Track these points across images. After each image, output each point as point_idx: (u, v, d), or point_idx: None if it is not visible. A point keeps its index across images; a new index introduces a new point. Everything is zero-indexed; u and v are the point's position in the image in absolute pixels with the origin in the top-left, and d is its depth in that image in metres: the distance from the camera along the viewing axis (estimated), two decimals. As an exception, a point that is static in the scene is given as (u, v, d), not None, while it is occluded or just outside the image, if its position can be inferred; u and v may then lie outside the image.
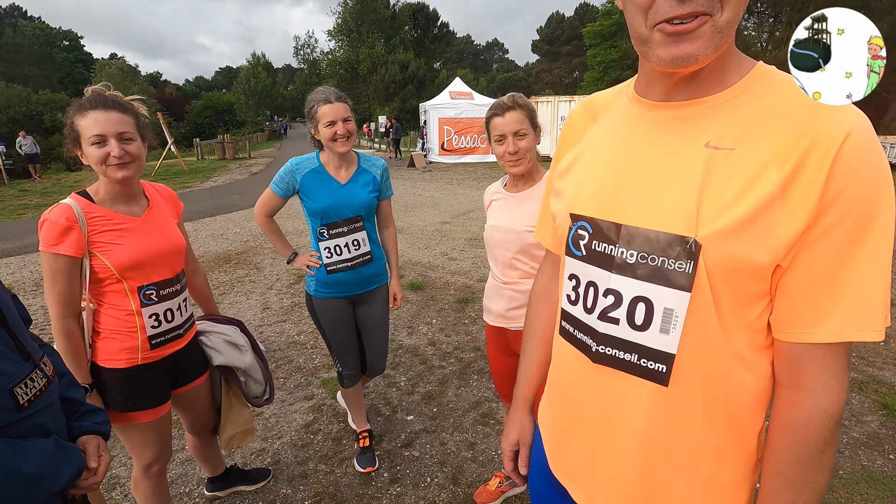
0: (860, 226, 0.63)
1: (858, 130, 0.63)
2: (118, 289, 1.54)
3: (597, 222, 0.81)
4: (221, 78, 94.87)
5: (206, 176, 16.03)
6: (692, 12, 0.64)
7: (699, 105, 0.74)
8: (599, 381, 0.83)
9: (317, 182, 2.10)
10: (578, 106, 0.98)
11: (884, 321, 0.65)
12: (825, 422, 0.69)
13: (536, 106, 18.57)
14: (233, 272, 5.69)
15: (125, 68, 48.83)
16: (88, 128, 1.44)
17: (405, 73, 41.67)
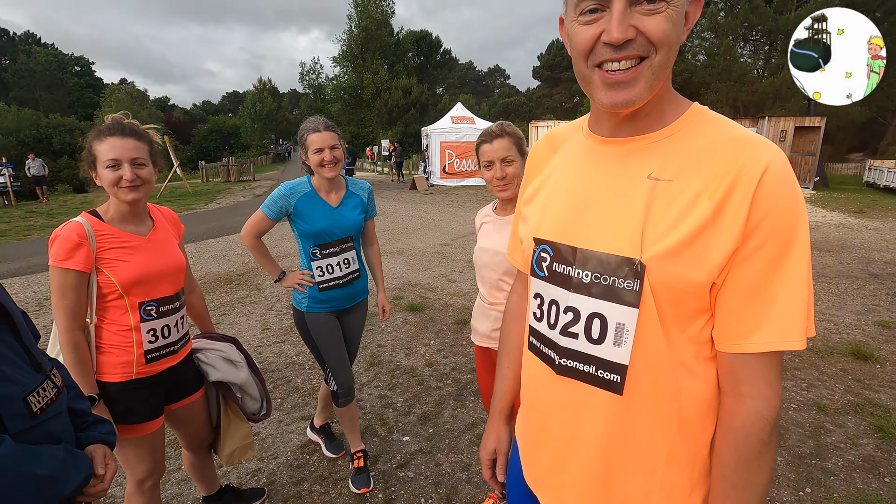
0: (781, 247, 0.72)
1: (775, 164, 0.72)
2: (120, 304, 1.61)
3: (556, 246, 0.89)
4: (228, 102, 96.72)
5: (210, 198, 16.23)
6: (627, 56, 0.73)
7: (642, 141, 0.83)
8: (563, 391, 0.90)
9: (310, 206, 2.21)
10: (542, 138, 1.07)
11: (805, 332, 0.73)
12: (763, 425, 0.76)
13: (536, 130, 18.96)
14: (234, 293, 5.75)
15: (134, 93, 49.82)
16: (105, 152, 1.56)
17: (408, 98, 42.44)
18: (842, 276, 6.26)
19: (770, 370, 0.76)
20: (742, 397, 0.77)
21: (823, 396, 3.25)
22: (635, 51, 0.72)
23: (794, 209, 0.72)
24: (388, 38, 43.84)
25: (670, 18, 0.71)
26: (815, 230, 9.53)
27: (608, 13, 0.72)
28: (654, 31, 0.71)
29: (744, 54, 27.96)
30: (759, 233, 0.72)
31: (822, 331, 4.42)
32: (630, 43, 0.72)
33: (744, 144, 0.74)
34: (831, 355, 3.88)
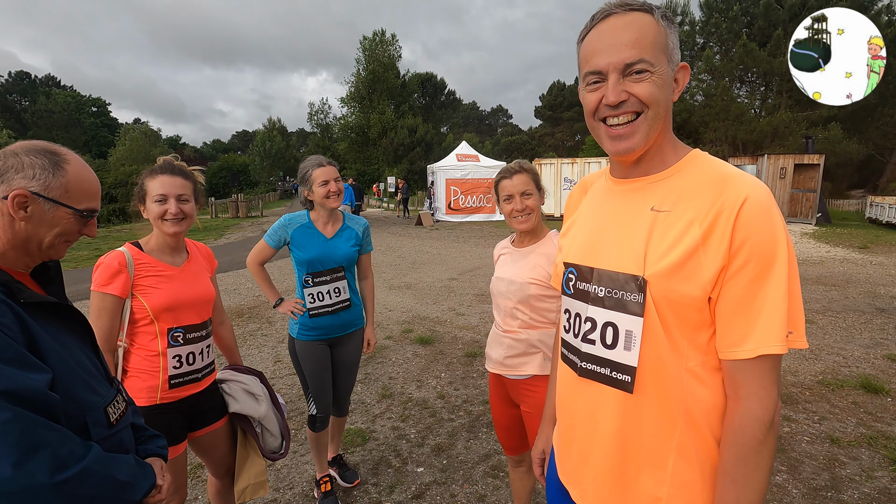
0: (763, 266, 0.86)
1: (753, 197, 0.87)
2: (150, 330, 1.72)
3: (579, 267, 1.07)
4: (238, 141, 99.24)
5: (220, 233, 16.50)
6: (625, 112, 0.94)
7: (646, 180, 1.02)
8: (585, 392, 1.05)
9: (305, 236, 2.38)
10: (577, 184, 1.31)
11: (784, 339, 0.85)
12: (758, 425, 0.86)
13: (540, 168, 19.34)
14: (245, 326, 5.82)
15: (147, 132, 51.40)
16: (155, 188, 1.73)
17: (413, 136, 43.48)
18: (848, 310, 6.28)
19: (763, 374, 0.87)
20: (739, 400, 0.89)
21: (836, 429, 3.26)
22: (630, 108, 0.93)
23: (772, 234, 0.85)
24: (394, 80, 45.32)
25: (655, 83, 0.92)
26: (820, 265, 9.58)
27: (606, 83, 0.94)
28: (641, 93, 0.91)
29: (741, 95, 28.72)
30: (741, 254, 0.86)
31: (831, 364, 4.43)
32: (624, 103, 0.93)
33: (728, 181, 0.90)
34: (842, 388, 3.89)
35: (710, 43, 27.98)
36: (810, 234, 14.27)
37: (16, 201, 0.96)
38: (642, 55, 0.90)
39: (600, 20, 0.95)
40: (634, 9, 0.93)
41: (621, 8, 0.93)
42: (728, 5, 26.70)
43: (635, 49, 0.90)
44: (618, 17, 0.93)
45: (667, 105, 0.95)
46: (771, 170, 16.68)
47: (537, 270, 1.84)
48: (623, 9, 0.93)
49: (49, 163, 1.01)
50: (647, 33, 0.91)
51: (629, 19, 0.92)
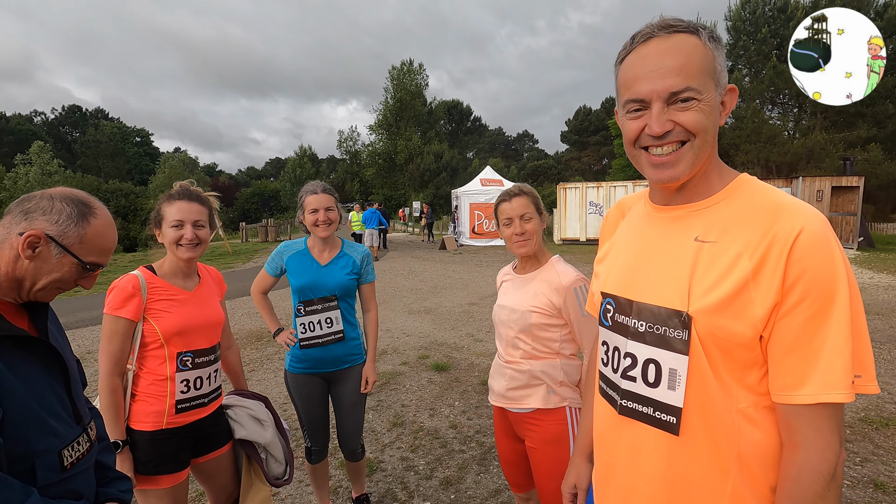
0: (822, 303, 0.78)
1: (809, 228, 0.79)
2: (159, 354, 1.73)
3: (618, 299, 1.01)
4: (270, 168, 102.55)
5: (248, 257, 16.88)
6: (668, 142, 0.87)
7: (690, 208, 0.94)
8: (626, 431, 0.98)
9: (299, 262, 2.33)
10: (613, 207, 1.24)
11: (850, 385, 0.77)
12: (816, 478, 0.78)
13: (565, 192, 19.19)
14: (264, 350, 5.85)
15: (186, 160, 53.65)
16: (172, 214, 1.76)
17: (439, 162, 44.05)
18: (893, 341, 5.88)
19: (822, 422, 0.79)
20: (797, 448, 0.81)
21: (881, 473, 2.99)
22: (675, 137, 0.87)
23: (830, 268, 0.78)
24: (421, 108, 46.30)
25: (702, 111, 0.85)
26: (863, 292, 9.04)
27: (649, 112, 0.87)
28: (688, 122, 0.85)
29: (772, 117, 28.06)
30: (796, 290, 0.78)
31: (875, 400, 4.11)
32: (669, 133, 0.86)
33: (780, 210, 0.83)
34: (886, 427, 3.59)
35: (739, 65, 27.57)
36: (852, 259, 13.59)
37: (28, 241, 0.99)
38: (689, 83, 0.83)
39: (641, 42, 0.88)
40: (679, 30, 0.86)
41: (665, 30, 0.86)
42: (756, 28, 26.37)
43: (681, 76, 0.83)
44: (661, 40, 0.86)
45: (714, 131, 0.88)
46: (807, 192, 16.09)
47: (539, 298, 1.77)
48: (667, 31, 0.86)
49: (76, 213, 1.05)
50: (693, 58, 0.84)
51: (673, 42, 0.85)
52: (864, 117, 24.11)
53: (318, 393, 2.37)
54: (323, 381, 2.39)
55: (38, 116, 72.91)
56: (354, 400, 2.42)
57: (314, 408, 2.38)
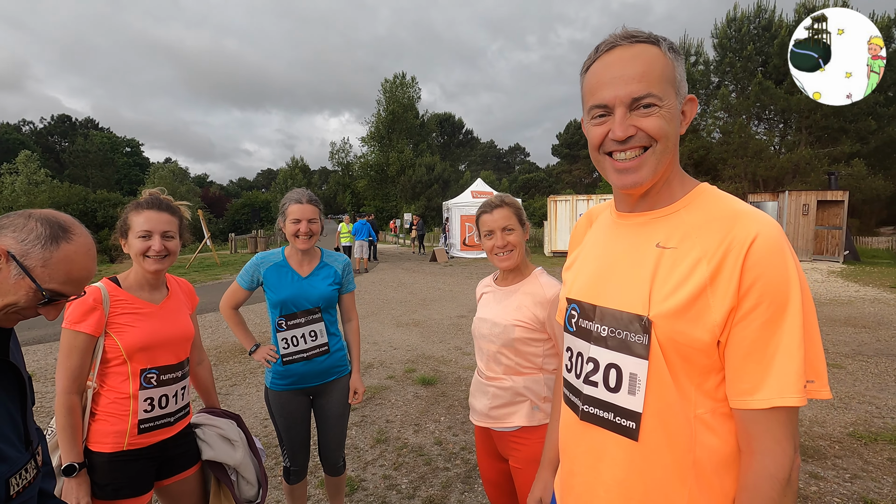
0: (776, 309, 0.79)
1: (764, 235, 0.81)
2: (121, 371, 1.63)
3: (582, 304, 1.02)
4: (262, 179, 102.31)
5: (237, 268, 16.69)
6: (631, 147, 0.89)
7: (652, 215, 0.97)
8: (586, 437, 0.98)
9: (278, 275, 2.22)
10: (583, 215, 1.25)
11: (802, 389, 0.78)
12: (772, 483, 0.79)
13: (556, 205, 19.30)
14: (247, 363, 5.72)
15: (176, 171, 53.32)
16: (140, 223, 1.67)
17: (431, 174, 44.17)
18: (881, 354, 5.89)
19: (777, 427, 0.80)
20: (753, 454, 0.81)
21: (870, 489, 2.94)
22: (638, 143, 0.89)
23: (784, 275, 0.80)
24: (413, 120, 46.54)
25: (664, 118, 0.88)
26: (849, 305, 9.12)
27: (612, 117, 0.89)
28: (650, 128, 0.87)
29: (759, 132, 28.52)
30: (751, 295, 0.80)
31: (863, 414, 4.09)
32: (632, 138, 0.88)
33: (737, 217, 0.85)
34: (875, 442, 3.56)
35: (726, 81, 28.09)
36: (838, 272, 13.72)
37: None
38: (650, 89, 0.87)
39: (605, 51, 0.91)
40: (641, 40, 0.89)
41: (627, 40, 0.89)
42: (742, 45, 26.93)
43: (643, 82, 0.87)
44: (624, 48, 0.89)
45: (675, 138, 0.91)
46: (793, 206, 16.29)
47: (522, 311, 1.71)
48: (629, 41, 0.89)
49: (48, 234, 0.99)
50: (654, 67, 0.88)
51: (636, 51, 0.88)
52: (847, 133, 24.59)
53: (300, 410, 2.28)
54: (306, 396, 2.30)
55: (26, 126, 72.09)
56: (340, 412, 2.35)
57: (296, 426, 2.28)
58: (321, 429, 2.38)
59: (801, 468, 3.20)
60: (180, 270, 15.35)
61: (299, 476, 2.35)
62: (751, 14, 27.39)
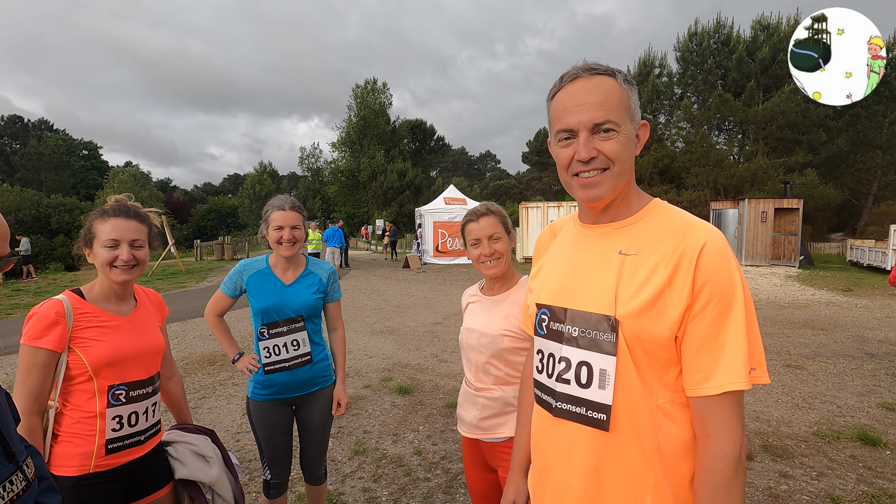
0: (724, 306, 0.92)
1: (711, 242, 0.94)
2: (87, 388, 1.53)
3: (553, 308, 1.10)
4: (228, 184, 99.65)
5: (203, 276, 16.18)
6: (595, 168, 1.01)
7: (614, 226, 1.08)
8: (560, 432, 1.05)
9: (261, 282, 2.18)
10: (546, 228, 1.34)
11: (748, 375, 0.90)
12: (728, 461, 0.89)
13: (527, 211, 19.52)
14: (216, 374, 5.53)
15: (137, 175, 51.32)
16: (106, 232, 1.57)
17: (403, 180, 44.04)
18: (838, 355, 6.17)
19: (728, 410, 0.91)
20: (708, 437, 0.92)
21: (836, 486, 3.06)
22: (598, 164, 1.00)
23: (729, 275, 0.92)
24: (385, 126, 46.34)
25: (620, 142, 0.99)
26: (807, 308, 9.55)
27: (577, 140, 1.00)
28: (609, 151, 0.99)
29: (719, 142, 29.69)
30: (703, 294, 0.92)
31: (825, 413, 4.27)
32: (594, 159, 1.00)
33: (688, 227, 0.98)
34: (838, 440, 3.71)
35: (688, 93, 29.16)
36: (794, 276, 14.37)
37: None
38: (609, 116, 0.98)
39: (569, 81, 1.02)
40: (599, 73, 1.01)
41: (587, 72, 1.01)
42: (703, 58, 28.03)
43: (603, 110, 0.98)
44: (585, 80, 1.00)
45: (630, 160, 1.03)
46: (752, 214, 16.98)
47: (510, 321, 1.70)
48: (589, 73, 1.01)
49: None
50: (612, 95, 0.99)
51: (596, 82, 1.00)
52: (800, 144, 25.87)
53: (282, 421, 2.22)
54: (288, 407, 2.24)
55: (-28, 126, 68.23)
56: (322, 422, 2.31)
57: (278, 437, 2.22)
58: (303, 438, 2.32)
59: (771, 467, 3.31)
60: (142, 279, 14.75)
61: (280, 490, 2.27)
62: (710, 29, 28.57)
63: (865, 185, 29.06)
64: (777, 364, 5.78)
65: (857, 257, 17.28)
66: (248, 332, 7.46)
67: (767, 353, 6.28)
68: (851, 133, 26.44)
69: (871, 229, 24.78)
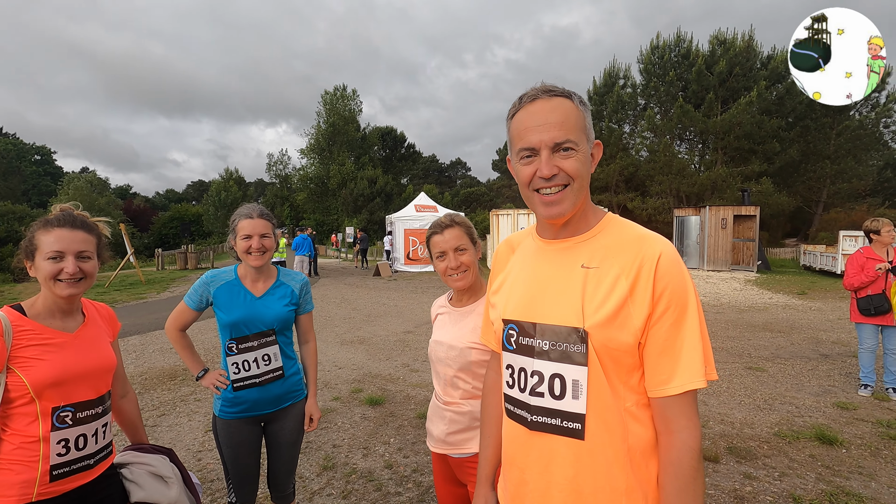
0: (680, 311, 0.98)
1: (666, 252, 1.00)
2: (28, 411, 1.42)
3: (521, 323, 1.11)
4: (193, 191, 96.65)
5: (164, 286, 15.57)
6: (556, 184, 1.04)
7: (574, 240, 1.12)
8: (537, 445, 1.07)
9: (230, 294, 2.08)
10: (502, 243, 1.35)
11: (704, 374, 0.97)
12: (691, 454, 0.96)
13: (497, 219, 19.66)
14: (177, 390, 5.29)
15: (94, 181, 49.22)
16: (50, 243, 1.47)
17: (373, 187, 43.78)
18: (795, 356, 6.42)
19: (688, 407, 0.98)
20: (672, 433, 0.98)
21: (797, 486, 3.15)
22: (559, 181, 1.04)
23: (683, 282, 0.99)
24: (354, 133, 46.04)
25: (579, 160, 1.04)
26: (765, 311, 9.93)
27: (539, 158, 1.04)
28: (569, 168, 1.03)
29: (681, 151, 30.79)
30: (662, 301, 0.97)
31: (785, 414, 4.42)
32: (555, 176, 1.03)
33: (644, 239, 1.04)
34: (798, 440, 3.84)
35: (651, 104, 30.16)
36: (753, 281, 14.94)
37: None
38: (569, 136, 1.02)
39: (529, 102, 1.06)
40: (557, 94, 1.05)
41: (546, 93, 1.05)
42: (665, 71, 29.09)
43: (563, 130, 1.02)
44: (544, 101, 1.04)
45: (587, 177, 1.08)
46: (713, 220, 17.61)
47: (478, 333, 1.67)
48: (548, 94, 1.05)
49: None
50: (570, 116, 1.03)
51: (555, 103, 1.04)
52: (756, 154, 27.12)
53: (251, 440, 2.11)
54: (258, 424, 2.14)
55: (-88, 129, 64.10)
56: (293, 439, 2.21)
57: (245, 457, 2.10)
58: (272, 456, 2.22)
59: (736, 469, 3.39)
60: (98, 290, 14.08)
61: None
62: (672, 43, 29.68)
63: (816, 193, 30.63)
64: (739, 367, 5.97)
65: (810, 262, 18.16)
66: (210, 344, 7.20)
67: (731, 356, 6.48)
68: (802, 144, 27.89)
69: (822, 235, 26.11)
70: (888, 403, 4.67)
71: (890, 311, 4.69)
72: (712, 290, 13.30)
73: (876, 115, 28.48)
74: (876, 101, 28.34)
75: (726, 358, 6.41)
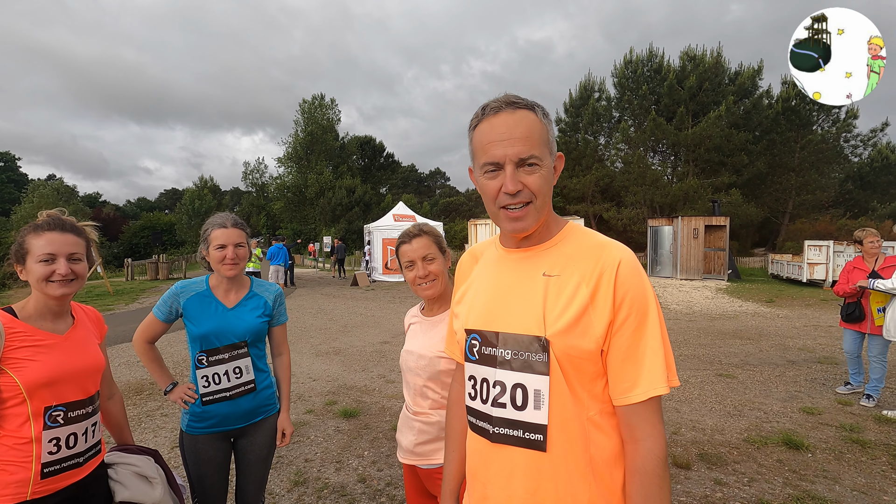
0: (641, 317, 0.98)
1: (625, 259, 1.01)
2: (20, 412, 1.46)
3: (483, 332, 1.09)
4: (165, 199, 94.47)
5: (133, 297, 15.11)
6: (520, 201, 1.03)
7: (536, 250, 1.12)
8: (498, 458, 1.05)
9: (201, 306, 2.03)
10: (466, 253, 1.34)
11: (667, 380, 0.97)
12: (657, 461, 0.95)
13: (476, 228, 19.71)
14: (143, 405, 5.11)
15: (61, 189, 47.72)
16: (41, 246, 1.52)
17: (352, 196, 43.55)
18: (763, 363, 6.58)
19: (652, 415, 0.97)
20: (637, 441, 0.97)
21: (765, 491, 3.21)
22: (523, 198, 1.03)
23: (643, 289, 0.99)
24: (333, 142, 45.82)
25: (543, 176, 1.03)
26: (735, 319, 10.18)
27: (503, 173, 1.02)
28: (532, 185, 1.02)
29: (654, 163, 31.57)
30: (623, 308, 0.98)
31: (754, 420, 4.51)
32: (520, 192, 1.02)
33: (603, 246, 1.04)
34: (766, 445, 3.92)
35: (625, 117, 30.88)
36: (724, 289, 15.33)
37: None
38: (533, 151, 1.01)
39: (492, 114, 1.03)
40: (521, 106, 1.03)
41: (510, 105, 1.03)
42: (638, 85, 29.86)
43: (527, 144, 1.00)
44: (508, 113, 1.02)
45: (550, 192, 1.08)
46: (685, 230, 18.03)
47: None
48: (512, 106, 1.03)
49: None
50: (534, 130, 1.02)
51: (518, 116, 1.01)
52: (725, 166, 27.98)
53: (219, 456, 2.04)
54: (227, 440, 2.06)
55: None
56: (263, 455, 2.14)
57: (213, 474, 2.03)
58: (241, 472, 2.14)
59: (707, 475, 3.43)
60: (63, 301, 13.55)
61: None
62: (644, 58, 30.53)
63: (782, 204, 31.71)
64: (710, 374, 6.08)
65: (778, 270, 18.74)
66: (180, 357, 7.00)
67: (703, 364, 6.60)
68: (769, 157, 28.90)
69: (789, 244, 26.98)
70: (850, 408, 4.81)
71: (864, 319, 4.92)
72: (685, 299, 13.58)
73: (837, 130, 29.75)
74: (836, 116, 29.62)
75: (698, 365, 6.53)
